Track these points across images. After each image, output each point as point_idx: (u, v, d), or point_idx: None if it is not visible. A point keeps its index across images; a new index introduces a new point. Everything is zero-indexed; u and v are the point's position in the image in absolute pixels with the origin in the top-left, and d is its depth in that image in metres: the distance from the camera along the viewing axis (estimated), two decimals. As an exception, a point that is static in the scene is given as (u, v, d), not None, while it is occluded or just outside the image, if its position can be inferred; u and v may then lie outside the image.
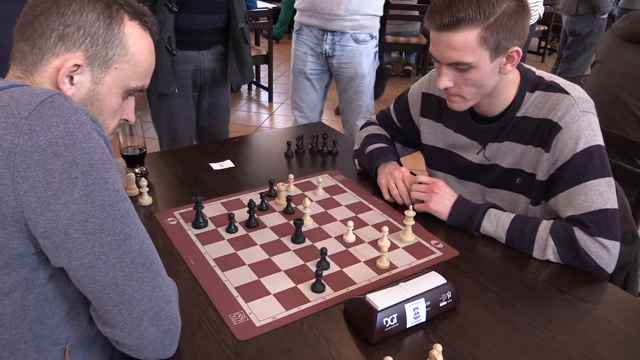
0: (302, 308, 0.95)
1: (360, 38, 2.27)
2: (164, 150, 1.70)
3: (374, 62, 2.38)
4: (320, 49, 2.30)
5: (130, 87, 0.81)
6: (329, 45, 2.28)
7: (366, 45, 2.30)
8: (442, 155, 1.36)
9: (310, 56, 2.34)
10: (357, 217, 1.25)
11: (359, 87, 2.38)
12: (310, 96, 2.45)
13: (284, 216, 1.24)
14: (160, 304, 0.73)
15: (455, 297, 0.95)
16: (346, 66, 2.33)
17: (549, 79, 1.18)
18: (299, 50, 2.37)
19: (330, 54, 2.29)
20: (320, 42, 2.29)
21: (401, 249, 1.14)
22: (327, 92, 2.50)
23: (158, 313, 0.73)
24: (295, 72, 2.42)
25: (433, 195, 1.22)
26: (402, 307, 0.89)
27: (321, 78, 2.41)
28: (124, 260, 0.69)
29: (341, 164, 1.55)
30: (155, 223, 1.20)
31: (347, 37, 2.26)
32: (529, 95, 1.18)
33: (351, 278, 1.03)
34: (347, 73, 2.35)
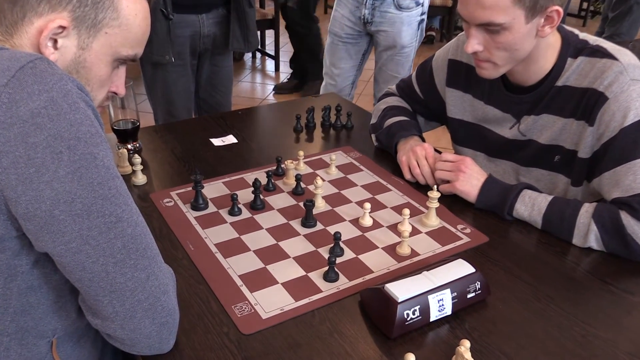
0: (313, 299, 0.94)
1: (403, 4, 2.26)
2: (160, 125, 1.69)
3: (417, 33, 2.36)
4: (359, 13, 2.30)
5: (121, 55, 0.80)
6: (368, 10, 2.27)
7: (409, 13, 2.29)
8: (470, 130, 1.35)
9: (348, 20, 2.34)
10: (375, 199, 1.24)
11: (397, 57, 2.37)
12: (344, 62, 2.45)
13: (293, 197, 1.24)
14: (156, 293, 0.72)
15: (484, 288, 0.94)
16: (385, 34, 2.32)
17: (594, 43, 1.15)
18: (337, 12, 2.38)
19: (369, 19, 2.29)
20: (359, 5, 2.29)
21: (424, 234, 1.13)
22: (363, 62, 2.50)
23: (153, 304, 0.72)
24: (331, 35, 2.44)
25: (460, 175, 1.20)
26: (425, 298, 0.88)
27: (357, 43, 2.41)
28: (115, 245, 0.68)
29: (357, 140, 1.54)
30: (150, 204, 1.20)
31: (389, 2, 2.26)
32: (571, 62, 1.15)
33: (368, 266, 1.03)
34: (385, 42, 2.35)
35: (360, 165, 1.39)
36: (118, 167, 1.32)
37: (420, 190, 1.28)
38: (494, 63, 1.13)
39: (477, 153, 1.36)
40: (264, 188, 1.26)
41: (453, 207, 1.22)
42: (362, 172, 1.36)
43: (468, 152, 1.37)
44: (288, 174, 1.30)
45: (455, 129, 1.39)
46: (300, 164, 1.36)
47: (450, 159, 1.24)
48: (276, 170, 1.33)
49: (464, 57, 1.33)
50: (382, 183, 1.31)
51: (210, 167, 1.36)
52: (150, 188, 1.27)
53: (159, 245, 1.06)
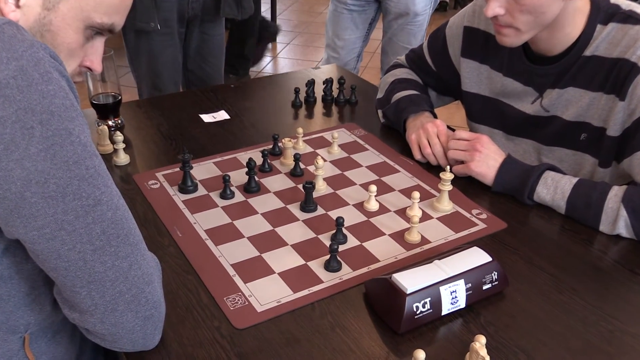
0: (313, 290, 0.94)
1: None
2: (144, 99, 1.68)
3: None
4: None
5: (94, 22, 0.77)
6: None
7: None
8: (487, 105, 1.34)
9: None
10: (381, 181, 1.24)
11: (408, 26, 2.34)
12: (348, 33, 2.42)
13: (291, 179, 1.23)
14: (140, 284, 0.72)
15: (502, 278, 0.94)
16: (396, 0, 2.28)
17: (626, 8, 1.13)
18: None
19: None
20: None
21: (435, 219, 1.12)
22: (370, 32, 2.47)
23: (137, 295, 0.72)
24: (334, 2, 2.40)
25: (475, 154, 1.19)
26: (437, 290, 0.88)
27: (365, 11, 2.37)
28: (93, 230, 0.67)
29: (361, 116, 1.53)
30: (134, 187, 1.19)
31: None
32: (601, 29, 1.14)
33: (373, 254, 1.02)
34: (396, 9, 2.31)
35: (365, 144, 1.38)
36: (98, 145, 1.31)
37: (431, 172, 1.27)
38: (516, 29, 1.11)
39: (494, 131, 1.35)
40: (259, 169, 1.25)
41: (467, 190, 1.21)
42: (367, 151, 1.35)
43: (484, 129, 1.36)
44: (286, 153, 1.29)
45: (470, 104, 1.38)
46: (299, 142, 1.35)
47: (465, 137, 1.23)
48: (272, 149, 1.32)
49: (481, 23, 1.31)
50: (389, 163, 1.30)
51: (200, 146, 1.35)
52: (133, 169, 1.26)
53: (143, 231, 1.05)
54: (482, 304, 0.92)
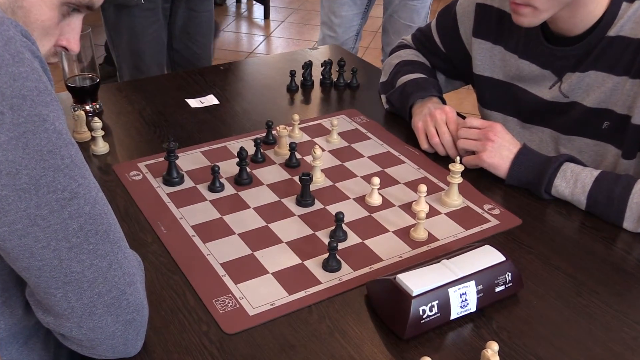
0: (310, 292, 0.94)
1: None
2: (125, 82, 1.68)
3: None
4: None
5: None
6: None
7: None
8: (501, 89, 1.34)
9: None
10: (385, 173, 1.24)
11: (411, 2, 2.33)
12: (345, 9, 2.41)
13: (287, 170, 1.23)
14: (120, 285, 0.71)
15: (516, 280, 0.94)
16: None
17: (655, -16, 1.13)
18: None
19: None
20: None
21: (444, 215, 1.13)
22: (369, 8, 2.46)
23: (117, 297, 0.71)
24: None
25: (488, 144, 1.19)
26: (445, 292, 0.88)
27: None
28: (70, 226, 0.67)
29: (363, 101, 1.53)
30: (114, 178, 1.19)
31: None
32: (627, 7, 1.14)
33: (376, 253, 1.03)
34: None
35: (367, 132, 1.38)
36: (74, 133, 1.31)
37: (439, 163, 1.27)
38: (534, 7, 1.11)
39: (508, 118, 1.35)
40: (251, 159, 1.25)
41: (479, 184, 1.21)
42: (369, 140, 1.35)
43: (498, 116, 1.36)
44: (280, 142, 1.28)
45: (482, 89, 1.38)
46: (295, 130, 1.34)
47: (477, 125, 1.23)
48: (266, 137, 1.32)
49: (495, 0, 1.31)
50: (393, 154, 1.30)
51: (187, 134, 1.35)
52: (113, 159, 1.26)
53: (124, 227, 1.05)
54: (494, 307, 0.93)
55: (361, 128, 1.40)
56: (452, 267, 0.90)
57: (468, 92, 1.49)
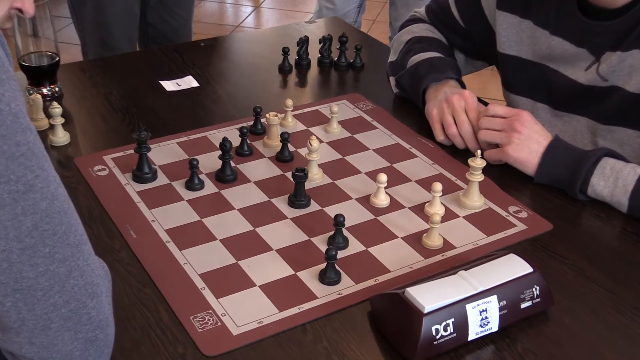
0: (304, 308, 0.95)
1: None
2: (90, 60, 1.68)
3: None
4: None
5: None
6: None
7: None
8: (529, 71, 1.34)
9: None
10: (393, 168, 1.24)
11: None
12: None
13: (278, 165, 1.24)
14: (81, 296, 0.72)
15: (545, 295, 0.94)
16: None
17: None
18: None
19: None
20: None
21: (462, 218, 1.13)
22: None
23: (76, 311, 0.72)
24: None
25: (514, 136, 1.20)
26: (462, 308, 0.88)
27: None
28: (23, 223, 0.67)
29: (368, 85, 1.53)
30: (75, 173, 1.19)
31: None
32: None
33: (382, 263, 1.03)
34: None
35: (373, 120, 1.38)
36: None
37: (457, 157, 1.28)
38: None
39: (538, 105, 1.35)
40: (236, 152, 1.25)
41: (503, 182, 1.21)
42: (375, 130, 1.35)
43: (526, 103, 1.36)
44: (271, 132, 1.29)
45: (507, 71, 1.38)
46: (288, 117, 1.35)
47: (501, 114, 1.23)
48: (254, 126, 1.32)
49: (523, -34, 1.31)
50: (403, 146, 1.31)
51: (161, 122, 1.35)
52: (74, 150, 1.26)
53: (87, 230, 1.03)
54: (519, 326, 0.93)
55: (366, 116, 1.40)
56: (471, 279, 0.91)
57: (492, 74, 1.49)
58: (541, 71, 1.32)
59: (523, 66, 1.35)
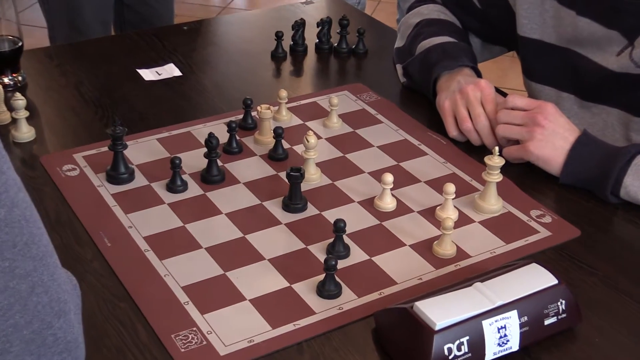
0: (300, 325, 0.95)
1: None
2: (58, 46, 1.68)
3: None
4: None
5: None
6: None
7: None
8: (553, 57, 1.34)
9: None
10: (400, 167, 1.24)
11: None
12: None
13: (270, 164, 1.24)
14: (45, 315, 0.71)
15: (572, 310, 0.94)
16: None
17: None
18: None
19: None
20: None
21: (477, 223, 1.13)
22: None
23: (40, 332, 0.71)
24: None
25: (536, 130, 1.20)
26: (479, 325, 0.88)
27: None
28: None
29: (372, 74, 1.53)
30: (41, 173, 1.19)
31: None
32: None
33: (388, 274, 1.03)
34: None
35: (378, 113, 1.39)
36: (-10, 113, 1.30)
37: (472, 155, 1.28)
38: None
39: (563, 95, 1.35)
40: (223, 149, 1.25)
41: (524, 182, 1.21)
42: (380, 124, 1.36)
43: (549, 93, 1.36)
44: (262, 126, 1.29)
45: (529, 57, 1.38)
46: (282, 110, 1.35)
47: (522, 106, 1.23)
48: (243, 120, 1.32)
49: (546, -61, 1.31)
50: (411, 142, 1.31)
51: (138, 115, 1.35)
52: (40, 148, 1.26)
53: (55, 238, 1.05)
54: (543, 345, 0.93)
55: (369, 108, 1.40)
56: (488, 292, 0.90)
57: (511, 60, 1.49)
58: (567, 57, 1.32)
59: (546, 51, 1.34)
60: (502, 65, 2.60)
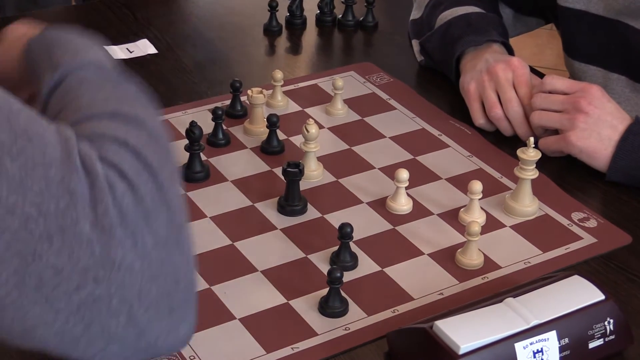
0: (300, 348, 0.95)
1: None
2: (9, 18, 1.67)
3: None
4: None
5: None
6: None
7: None
8: (600, 31, 1.34)
9: None
10: (417, 162, 1.25)
11: None
12: None
13: (263, 158, 1.24)
14: None
15: (622, 330, 0.94)
16: None
17: None
18: None
19: None
20: None
21: (509, 228, 1.14)
22: None
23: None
24: None
25: (579, 118, 1.20)
26: (511, 348, 0.88)
27: None
28: None
29: (383, 51, 1.54)
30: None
31: None
32: None
33: (402, 287, 1.04)
34: None
35: (390, 98, 1.39)
36: None
37: (502, 148, 1.28)
38: None
39: (612, 76, 1.35)
40: (207, 141, 1.26)
41: (564, 180, 1.22)
42: (393, 111, 1.36)
43: (595, 73, 1.37)
44: (254, 114, 1.29)
45: (571, 31, 1.38)
46: (277, 95, 1.35)
47: (561, 88, 1.24)
48: (231, 106, 1.33)
49: None
50: (430, 133, 1.31)
51: (107, 101, 1.35)
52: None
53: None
54: (587, 372, 0.93)
55: (380, 92, 1.40)
56: (522, 309, 0.91)
57: (550, 35, 1.50)
58: (616, 31, 1.32)
59: (592, 24, 1.35)
60: (539, 40, 2.60)
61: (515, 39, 1.46)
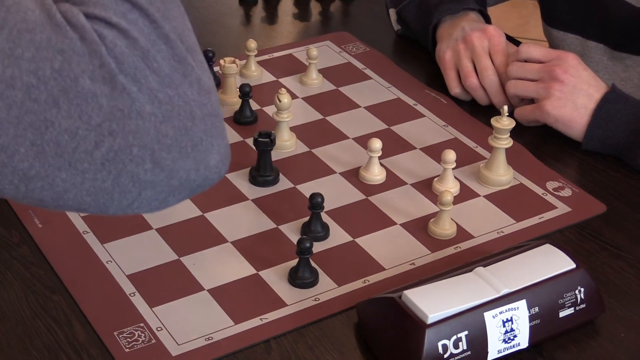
0: (269, 319, 0.95)
1: None
2: None
3: None
4: None
5: None
6: None
7: None
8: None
9: None
10: (391, 132, 1.25)
11: None
12: None
13: (235, 128, 1.25)
14: None
15: (593, 299, 0.94)
16: None
17: None
18: None
19: None
20: None
21: (482, 198, 1.14)
22: None
23: None
24: None
25: (554, 87, 1.20)
26: (480, 317, 0.88)
27: None
28: None
29: (360, 20, 1.53)
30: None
31: None
32: None
33: (374, 258, 1.04)
34: None
35: (366, 68, 1.39)
36: None
37: (478, 117, 1.28)
38: None
39: (590, 44, 1.36)
40: (179, 111, 1.25)
41: (539, 149, 1.22)
42: (368, 81, 1.36)
43: (573, 41, 1.37)
44: (226, 84, 1.30)
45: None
46: (251, 64, 1.35)
47: (537, 57, 1.23)
48: (203, 76, 1.32)
49: None
50: (405, 102, 1.31)
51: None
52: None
53: (-24, 218, 1.05)
54: (558, 342, 0.93)
55: (356, 62, 1.40)
56: (492, 278, 0.91)
57: (535, 4, 1.49)
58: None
59: (569, -9, 1.35)
60: (524, 11, 2.59)
61: (499, 10, 1.46)
